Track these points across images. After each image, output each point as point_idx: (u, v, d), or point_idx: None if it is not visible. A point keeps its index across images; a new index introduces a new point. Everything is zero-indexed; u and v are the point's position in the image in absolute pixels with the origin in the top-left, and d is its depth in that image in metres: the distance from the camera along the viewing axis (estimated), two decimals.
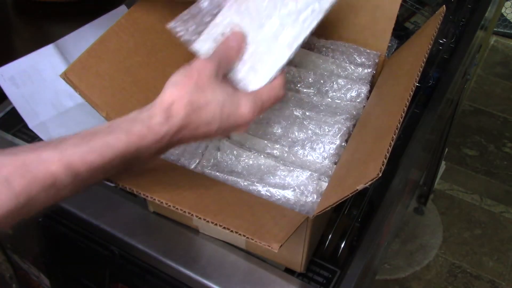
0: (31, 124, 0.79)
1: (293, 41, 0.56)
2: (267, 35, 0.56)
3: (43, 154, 0.43)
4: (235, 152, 0.67)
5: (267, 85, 0.55)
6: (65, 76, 0.57)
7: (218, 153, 0.67)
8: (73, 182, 0.45)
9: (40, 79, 0.81)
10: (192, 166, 0.66)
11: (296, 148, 0.67)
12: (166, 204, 0.52)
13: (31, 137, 0.78)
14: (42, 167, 0.43)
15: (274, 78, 0.56)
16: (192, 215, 0.51)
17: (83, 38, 0.82)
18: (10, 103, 0.80)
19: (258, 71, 0.55)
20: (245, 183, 0.63)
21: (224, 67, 0.54)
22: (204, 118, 0.51)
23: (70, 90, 0.58)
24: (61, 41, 0.84)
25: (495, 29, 2.35)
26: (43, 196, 0.43)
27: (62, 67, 0.81)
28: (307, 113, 0.69)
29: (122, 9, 0.86)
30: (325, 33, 0.77)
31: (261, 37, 0.56)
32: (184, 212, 0.52)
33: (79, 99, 0.81)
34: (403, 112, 0.52)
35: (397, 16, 0.70)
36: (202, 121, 0.51)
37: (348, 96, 0.73)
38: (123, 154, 0.47)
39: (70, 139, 0.46)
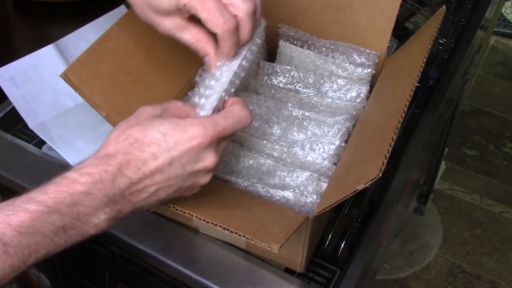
0: (31, 124, 0.79)
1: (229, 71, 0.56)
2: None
3: None
4: (234, 152, 0.67)
5: (227, 111, 0.51)
6: (65, 76, 0.57)
7: None
8: (5, 255, 0.38)
9: (40, 79, 0.81)
10: None
11: (296, 148, 0.67)
12: (166, 204, 0.52)
13: (31, 137, 0.78)
14: None
15: (217, 106, 0.54)
16: (192, 215, 0.51)
17: (83, 38, 0.82)
18: (10, 103, 0.80)
19: (205, 107, 0.54)
20: (245, 184, 0.63)
21: (169, 115, 0.51)
22: (147, 151, 0.45)
23: (70, 90, 0.58)
24: (61, 41, 0.84)
25: (495, 29, 2.35)
26: None
27: (62, 67, 0.81)
28: (307, 114, 0.69)
29: (122, 9, 0.86)
30: (324, 33, 0.77)
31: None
32: (184, 213, 0.52)
33: (79, 99, 0.81)
34: (403, 112, 0.52)
35: (397, 16, 0.70)
36: (147, 154, 0.45)
37: (348, 96, 0.73)
38: (55, 207, 0.41)
39: None
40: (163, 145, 0.46)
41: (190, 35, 0.54)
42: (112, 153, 0.45)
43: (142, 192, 0.46)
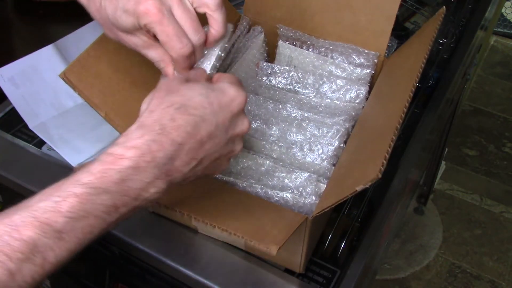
0: (31, 125, 0.79)
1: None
2: None
3: (14, 217, 0.39)
4: None
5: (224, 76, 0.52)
6: (64, 76, 0.57)
7: None
8: (59, 242, 0.39)
9: (40, 79, 0.81)
10: None
11: (295, 149, 0.67)
12: (165, 206, 0.52)
13: (31, 137, 0.78)
14: (16, 234, 0.37)
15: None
16: (191, 216, 0.51)
17: (83, 38, 0.82)
18: (10, 103, 0.80)
19: None
20: (244, 185, 0.63)
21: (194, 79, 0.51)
22: (195, 113, 0.44)
23: (70, 90, 0.58)
24: (61, 41, 0.84)
25: (495, 29, 2.35)
26: (29, 269, 0.37)
27: (62, 67, 0.80)
28: (306, 114, 0.69)
29: None
30: (324, 33, 0.77)
31: None
32: (183, 213, 0.52)
33: (79, 99, 0.81)
34: (403, 113, 0.52)
35: (397, 16, 0.70)
36: (195, 117, 0.44)
37: (347, 97, 0.73)
38: (104, 186, 0.40)
39: (40, 193, 0.41)
40: (208, 107, 0.45)
41: (155, 54, 0.53)
42: (157, 120, 0.43)
43: (194, 159, 0.45)
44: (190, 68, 0.53)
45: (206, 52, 0.57)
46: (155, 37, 0.51)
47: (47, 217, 0.38)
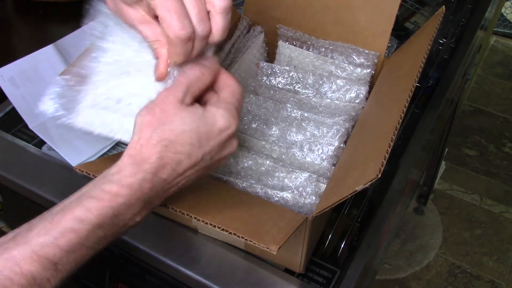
0: (31, 125, 0.79)
1: None
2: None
3: (13, 253, 0.41)
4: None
5: (225, 87, 0.51)
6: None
7: None
8: (55, 273, 0.42)
9: (40, 79, 0.81)
10: None
11: (294, 149, 0.67)
12: (165, 205, 0.52)
13: (31, 137, 0.78)
14: (16, 268, 0.40)
15: None
16: (190, 216, 0.51)
17: (83, 38, 0.81)
18: (10, 103, 0.80)
19: None
20: (244, 185, 0.63)
21: (193, 92, 0.49)
22: (181, 151, 0.46)
23: None
24: (61, 41, 0.84)
25: (495, 29, 2.35)
26: None
27: (62, 67, 0.81)
28: (306, 114, 0.69)
29: None
30: (324, 33, 0.77)
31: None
32: (183, 213, 0.52)
33: None
34: (403, 113, 0.52)
35: (397, 16, 0.70)
36: (181, 155, 0.46)
37: (347, 97, 0.73)
38: (99, 222, 0.44)
39: (36, 227, 0.43)
40: (196, 144, 0.47)
41: (150, 32, 0.49)
42: (147, 158, 0.46)
43: (174, 187, 0.49)
44: (185, 58, 0.49)
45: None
46: (155, 17, 0.48)
47: (46, 252, 0.41)
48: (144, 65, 0.54)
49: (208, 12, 0.48)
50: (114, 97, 0.55)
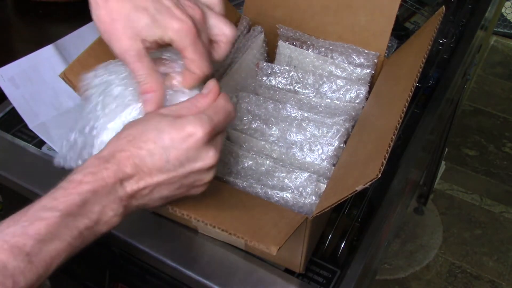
0: (31, 125, 0.79)
1: None
2: None
3: None
4: (233, 153, 0.67)
5: (209, 103, 0.50)
6: (64, 76, 0.57)
7: None
8: (29, 265, 0.40)
9: (40, 79, 0.81)
10: None
11: (294, 149, 0.67)
12: (165, 205, 0.52)
13: (31, 137, 0.78)
14: None
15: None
16: (190, 217, 0.51)
17: (83, 38, 0.82)
18: (10, 103, 0.80)
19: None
20: (244, 185, 0.63)
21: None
22: (143, 147, 0.46)
23: (70, 90, 0.58)
24: (61, 41, 0.84)
25: (495, 29, 2.35)
26: None
27: (62, 67, 0.81)
28: (306, 114, 0.69)
29: None
30: (324, 33, 0.77)
31: None
32: (183, 214, 0.52)
33: (79, 99, 0.81)
34: (403, 113, 0.52)
35: (397, 16, 0.70)
36: (142, 150, 0.46)
37: (347, 97, 0.73)
38: (67, 210, 0.42)
39: (7, 220, 0.42)
40: (158, 142, 0.46)
41: (143, 67, 0.50)
42: (111, 152, 0.46)
43: (143, 189, 0.47)
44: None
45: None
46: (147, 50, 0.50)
47: (16, 241, 0.40)
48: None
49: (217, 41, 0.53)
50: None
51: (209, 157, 0.48)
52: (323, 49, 0.76)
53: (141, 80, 0.50)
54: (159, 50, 0.53)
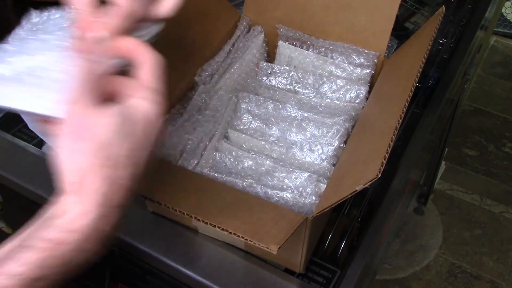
0: (31, 125, 0.79)
1: None
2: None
3: None
4: (233, 153, 0.67)
5: (141, 65, 0.43)
6: None
7: (217, 154, 0.67)
8: None
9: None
10: (191, 167, 0.66)
11: (294, 149, 0.67)
12: (165, 205, 0.52)
13: (31, 137, 0.78)
14: None
15: None
16: (190, 216, 0.51)
17: None
18: None
19: None
20: (244, 185, 0.63)
21: (100, 87, 0.41)
22: (124, 163, 0.39)
23: None
24: None
25: (495, 29, 2.35)
26: None
27: None
28: (306, 114, 0.69)
29: None
30: (324, 33, 0.77)
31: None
32: (183, 213, 0.52)
33: None
34: (403, 113, 0.52)
35: (397, 16, 0.70)
36: (125, 168, 0.39)
37: (347, 97, 0.73)
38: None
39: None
40: (134, 146, 0.40)
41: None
42: (93, 187, 0.39)
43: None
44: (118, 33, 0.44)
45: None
46: None
47: None
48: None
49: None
50: (27, 70, 0.47)
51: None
52: (323, 49, 0.76)
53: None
54: None
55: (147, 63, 0.43)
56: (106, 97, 0.41)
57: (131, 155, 0.40)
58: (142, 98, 0.42)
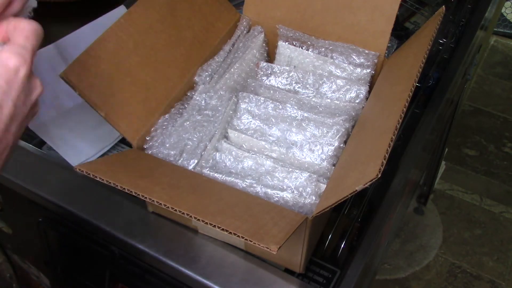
0: (31, 125, 0.79)
1: None
2: None
3: None
4: (233, 153, 0.67)
5: (16, 33, 0.48)
6: (65, 76, 0.58)
7: (217, 154, 0.67)
8: None
9: (40, 79, 0.81)
10: (191, 167, 0.66)
11: (294, 149, 0.67)
12: (165, 205, 0.52)
13: (31, 137, 0.78)
14: None
15: None
16: (190, 216, 0.51)
17: (83, 38, 0.81)
18: None
19: None
20: (244, 185, 0.63)
21: None
22: None
23: (70, 90, 0.58)
24: (61, 41, 0.84)
25: (495, 29, 2.35)
26: None
27: (62, 67, 0.80)
28: (306, 114, 0.69)
29: (121, 9, 0.86)
30: (324, 33, 0.77)
31: None
32: (183, 213, 0.52)
33: (79, 99, 0.81)
34: (403, 113, 0.52)
35: (397, 16, 0.70)
36: None
37: (347, 97, 0.73)
38: None
39: None
40: None
41: None
42: None
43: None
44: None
45: None
46: None
47: None
48: None
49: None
50: None
51: (37, 85, 0.48)
52: (323, 49, 0.76)
53: None
54: None
55: (19, 26, 0.47)
56: None
57: None
58: (2, 51, 0.45)
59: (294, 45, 0.78)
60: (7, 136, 0.47)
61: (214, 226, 0.50)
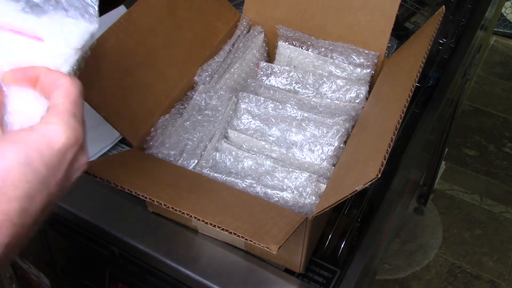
0: None
1: None
2: None
3: None
4: (233, 153, 0.67)
5: (55, 90, 0.39)
6: None
7: (217, 154, 0.67)
8: None
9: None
10: (191, 167, 0.66)
11: (294, 149, 0.67)
12: (165, 205, 0.52)
13: None
14: None
15: None
16: (191, 216, 0.51)
17: None
18: None
19: None
20: (244, 185, 0.63)
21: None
22: (18, 196, 0.34)
23: None
24: None
25: (495, 29, 2.35)
26: None
27: None
28: (305, 115, 0.69)
29: (121, 9, 0.86)
30: (324, 33, 0.77)
31: None
32: (183, 213, 0.52)
33: None
34: (402, 113, 0.52)
35: (397, 16, 0.70)
36: (15, 206, 0.34)
37: (347, 97, 0.73)
38: None
39: None
40: (34, 179, 0.35)
41: None
42: None
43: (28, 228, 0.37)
44: None
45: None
46: None
47: None
48: None
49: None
50: None
51: (82, 164, 0.39)
52: (323, 49, 0.76)
53: None
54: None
55: (61, 88, 0.39)
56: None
57: (28, 189, 0.35)
58: (50, 123, 0.37)
59: (294, 45, 0.78)
60: (34, 229, 0.37)
61: (214, 226, 0.50)
